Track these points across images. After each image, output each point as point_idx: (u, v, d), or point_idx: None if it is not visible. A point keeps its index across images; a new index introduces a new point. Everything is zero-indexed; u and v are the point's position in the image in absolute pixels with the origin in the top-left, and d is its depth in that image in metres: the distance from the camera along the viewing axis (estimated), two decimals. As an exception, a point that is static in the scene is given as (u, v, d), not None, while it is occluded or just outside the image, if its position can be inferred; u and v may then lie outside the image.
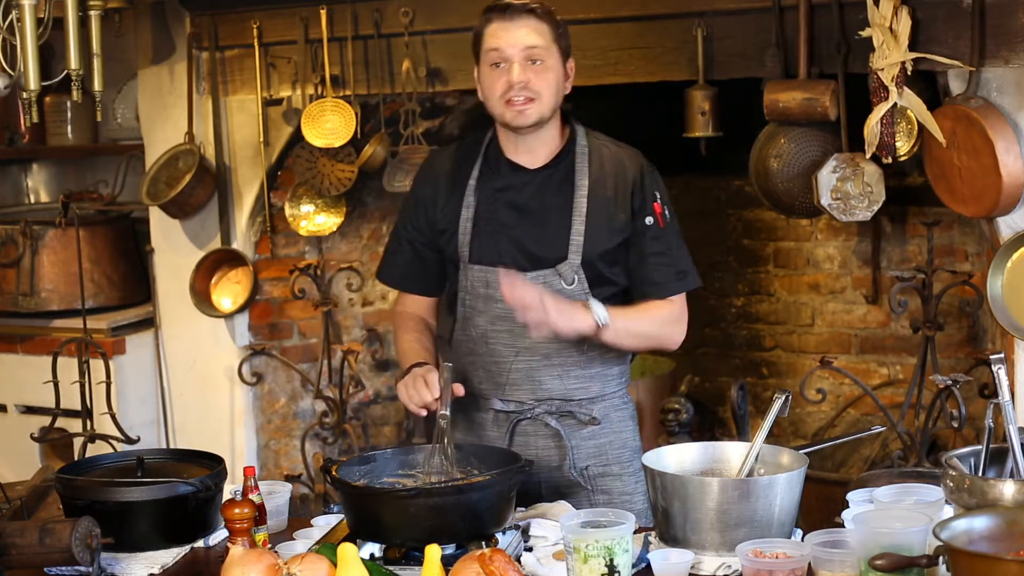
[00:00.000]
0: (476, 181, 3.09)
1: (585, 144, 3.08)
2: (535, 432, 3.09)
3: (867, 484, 3.05)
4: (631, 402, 3.21)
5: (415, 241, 3.17)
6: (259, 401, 5.12)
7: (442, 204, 3.12)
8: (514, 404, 3.08)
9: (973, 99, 3.68)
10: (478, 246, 3.07)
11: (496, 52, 2.98)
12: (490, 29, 3.00)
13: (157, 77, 5.07)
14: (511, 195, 3.07)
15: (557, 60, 3.01)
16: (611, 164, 3.07)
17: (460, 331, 3.12)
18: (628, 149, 3.13)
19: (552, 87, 3.00)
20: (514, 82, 2.96)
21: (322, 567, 2.48)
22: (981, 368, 4.12)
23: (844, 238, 5.21)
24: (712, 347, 5.56)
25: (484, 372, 3.11)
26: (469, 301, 3.09)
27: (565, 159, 3.07)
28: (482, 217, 3.08)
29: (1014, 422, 2.56)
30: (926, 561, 2.25)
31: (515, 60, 2.96)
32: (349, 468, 2.81)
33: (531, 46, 2.96)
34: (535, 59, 2.97)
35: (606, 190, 3.04)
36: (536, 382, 3.06)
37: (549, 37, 2.99)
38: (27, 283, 5.14)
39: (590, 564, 2.43)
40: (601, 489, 3.10)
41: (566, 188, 3.05)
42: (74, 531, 2.58)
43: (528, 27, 2.97)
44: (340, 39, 4.63)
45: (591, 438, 3.10)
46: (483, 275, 3.06)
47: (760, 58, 4.03)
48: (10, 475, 4.43)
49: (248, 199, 4.98)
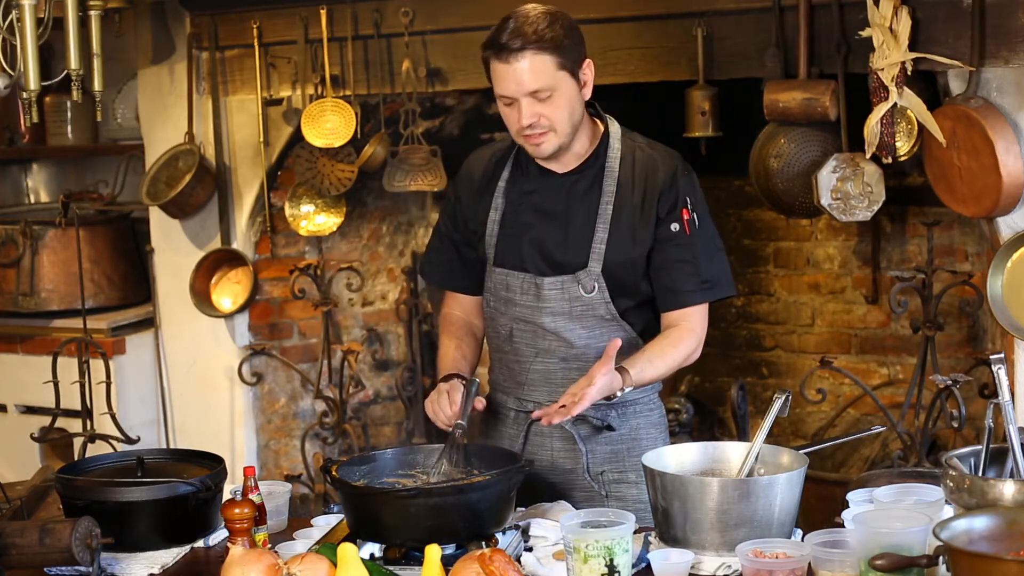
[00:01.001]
0: (506, 183, 3.07)
1: (618, 147, 3.01)
2: (551, 433, 3.06)
3: (867, 484, 3.05)
4: (658, 408, 3.14)
5: (454, 239, 3.16)
6: (259, 401, 5.13)
7: (474, 205, 3.10)
8: (531, 404, 3.05)
9: (973, 99, 3.68)
10: (502, 249, 3.05)
11: (502, 96, 2.91)
12: (492, 68, 2.90)
13: (157, 77, 5.07)
14: (538, 199, 3.03)
15: (568, 82, 2.89)
16: (641, 168, 3.00)
17: (490, 329, 3.13)
18: (663, 151, 3.04)
19: (566, 113, 2.91)
20: (523, 123, 2.89)
21: (322, 567, 2.48)
22: (981, 368, 4.12)
23: (844, 238, 5.21)
24: (712, 347, 5.53)
25: (507, 370, 3.11)
26: (493, 303, 3.09)
27: (595, 164, 3.01)
28: (508, 220, 3.05)
29: (1014, 422, 2.56)
30: (926, 561, 2.25)
31: (521, 100, 2.88)
32: (349, 468, 2.81)
33: (534, 90, 2.86)
34: (542, 96, 2.88)
35: (634, 196, 2.98)
36: (553, 384, 3.04)
37: (553, 67, 2.86)
38: (27, 283, 5.14)
39: (590, 564, 2.43)
40: (616, 495, 3.04)
41: (593, 194, 2.99)
42: (74, 531, 2.58)
43: (527, 67, 2.84)
44: (340, 39, 4.63)
45: (607, 443, 3.05)
46: (504, 278, 3.05)
47: (760, 58, 4.03)
48: (10, 475, 4.43)
49: (248, 199, 4.98)
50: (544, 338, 3.01)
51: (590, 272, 2.97)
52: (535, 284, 3.00)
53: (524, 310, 3.02)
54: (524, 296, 3.02)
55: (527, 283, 3.01)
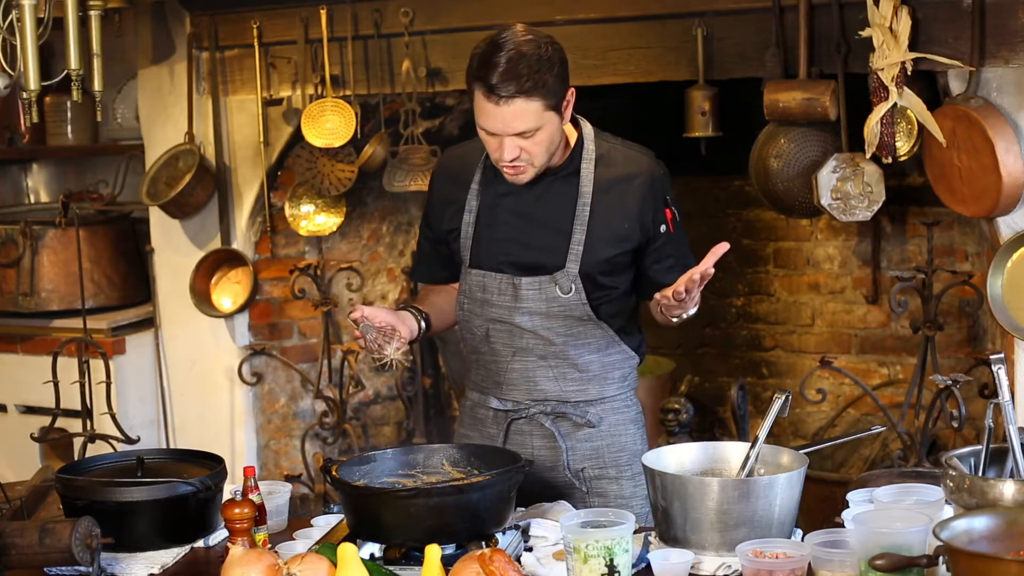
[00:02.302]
0: (479, 185, 3.07)
1: (592, 148, 3.02)
2: (531, 432, 3.09)
3: (867, 484, 3.05)
4: (635, 406, 3.17)
5: (432, 241, 3.18)
6: (259, 401, 5.13)
7: (449, 206, 3.10)
8: (511, 403, 3.09)
9: (973, 99, 3.68)
10: (478, 251, 3.06)
11: (484, 129, 2.89)
12: (477, 100, 2.87)
13: (157, 77, 5.07)
14: (513, 201, 3.03)
15: (553, 119, 2.88)
16: (618, 170, 3.01)
17: (465, 331, 3.13)
18: (638, 152, 3.05)
19: (546, 147, 2.91)
20: (505, 161, 2.89)
21: (322, 567, 2.48)
22: (981, 368, 4.13)
23: (844, 238, 5.21)
24: (712, 347, 5.56)
25: (485, 370, 3.12)
26: (467, 305, 3.09)
27: (570, 166, 3.01)
28: (483, 222, 3.06)
29: (1014, 422, 2.56)
30: (926, 561, 2.25)
31: (504, 137, 2.86)
32: (349, 468, 2.81)
33: (519, 132, 2.85)
34: (526, 136, 2.86)
35: (611, 198, 2.99)
36: (532, 382, 3.06)
37: (541, 109, 2.83)
38: (27, 283, 5.14)
39: (590, 564, 2.43)
40: (597, 492, 3.08)
41: (569, 195, 3.00)
42: (74, 531, 2.58)
43: (515, 113, 2.82)
44: (340, 39, 4.63)
45: (587, 440, 3.08)
46: (481, 279, 3.05)
47: (760, 58, 4.03)
48: (10, 475, 4.43)
49: (248, 199, 4.98)
50: (521, 337, 3.02)
51: (567, 273, 2.98)
52: (513, 285, 3.01)
53: (500, 311, 3.02)
54: (501, 297, 3.02)
55: (504, 284, 3.02)
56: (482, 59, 2.84)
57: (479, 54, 2.86)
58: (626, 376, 3.13)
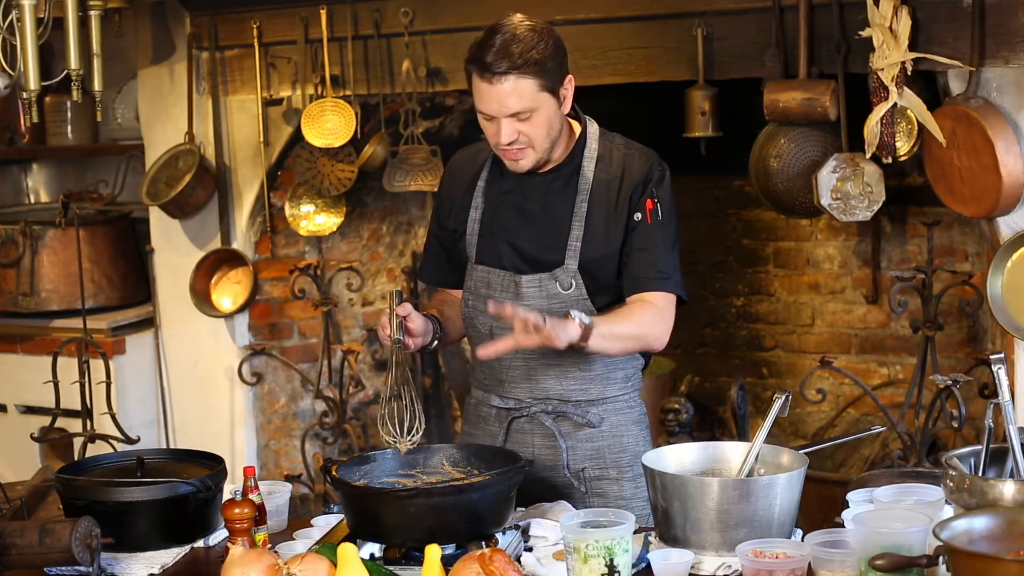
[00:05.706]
0: (485, 184, 3.10)
1: (595, 147, 3.04)
2: (531, 430, 3.09)
3: (867, 484, 3.05)
4: (639, 407, 3.15)
5: (442, 239, 3.20)
6: (259, 401, 5.13)
7: (456, 204, 3.14)
8: (512, 401, 3.09)
9: (973, 99, 3.68)
10: (483, 247, 3.09)
11: (482, 113, 2.93)
12: (474, 83, 2.91)
13: (157, 77, 5.07)
14: (516, 198, 3.06)
15: (549, 102, 2.91)
16: (618, 167, 3.03)
17: (470, 329, 3.14)
18: (640, 151, 3.06)
19: (544, 131, 2.93)
20: (503, 141, 2.91)
21: (322, 567, 2.48)
22: (981, 368, 4.13)
23: (844, 238, 5.21)
24: (712, 347, 5.56)
25: (488, 368, 3.12)
26: (472, 302, 3.10)
27: (571, 163, 3.04)
28: (488, 219, 3.09)
29: (1014, 422, 2.56)
30: (926, 561, 2.25)
31: (502, 119, 2.90)
32: (349, 468, 2.82)
33: (515, 112, 2.88)
34: (522, 116, 2.89)
35: (609, 195, 3.01)
36: (534, 381, 3.07)
37: (536, 89, 2.87)
38: (27, 283, 5.14)
39: (590, 564, 2.43)
40: (596, 492, 3.07)
41: (569, 192, 3.03)
42: (74, 531, 2.58)
43: (510, 90, 2.85)
44: (340, 39, 4.63)
45: (588, 440, 3.08)
46: (485, 275, 3.08)
47: (760, 58, 4.03)
48: (10, 475, 4.43)
49: (248, 199, 4.98)
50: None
51: (567, 269, 3.00)
52: (514, 282, 3.03)
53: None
54: (504, 294, 3.03)
55: (507, 280, 3.04)
56: (478, 43, 2.90)
57: (476, 40, 2.91)
58: (630, 377, 3.12)
